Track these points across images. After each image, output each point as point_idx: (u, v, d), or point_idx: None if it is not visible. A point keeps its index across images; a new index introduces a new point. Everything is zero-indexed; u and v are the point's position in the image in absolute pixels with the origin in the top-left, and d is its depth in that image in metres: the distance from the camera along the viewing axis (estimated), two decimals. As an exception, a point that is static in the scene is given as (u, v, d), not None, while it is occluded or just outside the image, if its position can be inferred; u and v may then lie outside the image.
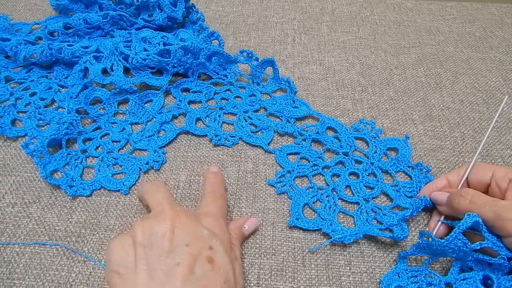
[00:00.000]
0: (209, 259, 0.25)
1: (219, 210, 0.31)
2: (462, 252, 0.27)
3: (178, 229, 0.26)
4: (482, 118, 0.44)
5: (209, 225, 0.28)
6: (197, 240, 0.25)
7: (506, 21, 0.59)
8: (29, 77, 0.47)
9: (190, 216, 0.27)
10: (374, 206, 0.35)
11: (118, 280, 0.24)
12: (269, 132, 0.41)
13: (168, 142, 0.41)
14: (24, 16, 0.58)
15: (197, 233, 0.26)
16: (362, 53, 0.53)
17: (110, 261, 0.25)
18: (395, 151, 0.40)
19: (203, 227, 0.27)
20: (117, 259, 0.25)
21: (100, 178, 0.37)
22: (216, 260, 0.25)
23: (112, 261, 0.25)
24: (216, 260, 0.25)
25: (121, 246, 0.26)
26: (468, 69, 0.51)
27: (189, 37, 0.49)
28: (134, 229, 0.26)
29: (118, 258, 0.25)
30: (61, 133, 0.38)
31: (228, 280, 0.25)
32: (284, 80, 0.45)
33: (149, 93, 0.44)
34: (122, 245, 0.26)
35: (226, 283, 0.24)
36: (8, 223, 0.34)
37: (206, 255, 0.25)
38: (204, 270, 0.24)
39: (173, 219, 0.26)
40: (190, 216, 0.27)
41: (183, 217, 0.27)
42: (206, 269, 0.24)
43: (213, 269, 0.24)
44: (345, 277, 0.31)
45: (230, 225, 0.32)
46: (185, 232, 0.26)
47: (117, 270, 0.25)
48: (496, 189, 0.31)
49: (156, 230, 0.25)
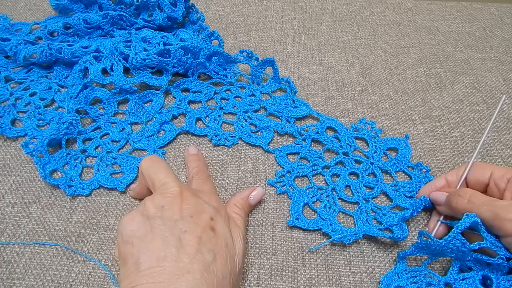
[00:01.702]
0: (211, 228, 0.28)
1: (212, 189, 0.34)
2: (461, 252, 0.28)
3: (184, 204, 0.28)
4: (482, 118, 0.44)
5: (208, 200, 0.31)
6: (200, 212, 0.28)
7: (506, 21, 0.59)
8: (29, 77, 0.47)
9: (193, 193, 0.30)
10: (374, 206, 0.35)
11: (131, 249, 0.26)
12: (269, 132, 0.41)
13: (168, 142, 0.41)
14: (24, 16, 0.58)
15: (199, 206, 0.29)
16: (362, 53, 0.53)
17: (122, 233, 0.27)
18: (395, 151, 0.40)
19: (204, 201, 0.30)
20: (129, 232, 0.27)
21: (99, 177, 0.37)
22: (217, 228, 0.28)
23: (124, 233, 0.27)
24: (217, 228, 0.28)
25: (132, 219, 0.28)
26: (468, 69, 0.51)
27: (189, 37, 0.49)
28: (146, 205, 0.28)
29: (129, 231, 0.27)
30: (61, 133, 0.38)
31: (228, 244, 0.28)
32: (284, 80, 0.45)
33: (149, 93, 0.44)
34: (132, 218, 0.28)
35: (227, 247, 0.28)
36: (8, 223, 0.34)
37: (209, 224, 0.28)
38: (208, 236, 0.27)
39: (179, 195, 0.29)
40: (192, 192, 0.30)
41: (187, 193, 0.29)
42: (210, 236, 0.27)
43: (215, 235, 0.28)
44: (345, 277, 0.31)
45: (236, 196, 0.34)
46: (190, 206, 0.28)
47: (130, 241, 0.27)
48: (494, 189, 0.31)
49: (165, 203, 0.28)
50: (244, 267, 0.32)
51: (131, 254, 0.26)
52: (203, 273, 0.24)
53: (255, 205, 0.35)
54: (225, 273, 0.26)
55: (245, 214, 0.34)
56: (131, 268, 0.25)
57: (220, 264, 0.26)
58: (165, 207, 0.28)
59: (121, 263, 0.27)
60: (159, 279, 0.24)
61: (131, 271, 0.25)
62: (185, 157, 0.39)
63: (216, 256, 0.26)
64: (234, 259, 0.28)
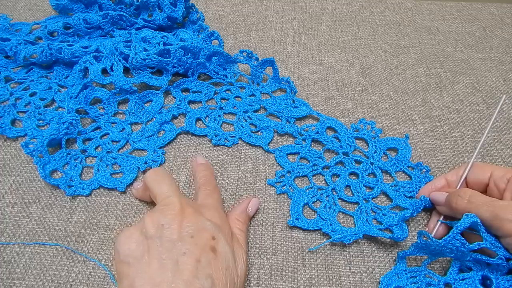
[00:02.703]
0: (212, 249, 0.27)
1: (217, 202, 0.33)
2: (460, 252, 0.28)
3: (185, 222, 0.27)
4: (482, 118, 0.44)
5: (211, 217, 0.29)
6: (201, 231, 0.27)
7: (506, 21, 0.59)
8: (29, 77, 0.47)
9: (195, 209, 0.29)
10: (374, 206, 0.35)
11: (127, 270, 0.25)
12: (269, 132, 0.41)
13: (168, 142, 0.41)
14: (24, 16, 0.58)
15: (200, 225, 0.27)
16: (362, 53, 0.53)
17: (119, 251, 0.26)
18: (395, 151, 0.40)
19: (206, 219, 0.28)
20: (126, 250, 0.26)
21: (99, 177, 0.37)
22: (218, 250, 0.27)
23: (121, 251, 0.26)
24: (218, 249, 0.27)
25: (130, 237, 0.27)
26: (468, 69, 0.51)
27: (189, 37, 0.49)
28: (145, 222, 0.27)
29: (126, 249, 0.26)
30: (61, 133, 0.38)
31: (229, 267, 0.27)
32: (284, 80, 0.45)
33: (149, 93, 0.44)
34: (130, 236, 0.27)
35: (228, 269, 0.26)
36: (8, 223, 0.34)
37: (210, 245, 0.27)
38: (208, 258, 0.26)
39: (180, 212, 0.28)
40: (194, 209, 0.29)
41: (189, 209, 0.28)
42: (210, 258, 0.26)
43: (216, 257, 0.26)
44: (345, 277, 0.31)
45: (235, 210, 0.33)
46: (191, 224, 0.27)
47: (126, 260, 0.26)
48: (494, 189, 0.31)
49: (165, 222, 0.27)
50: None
51: (127, 275, 0.25)
52: None
53: (252, 216, 0.35)
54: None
55: (247, 228, 0.33)
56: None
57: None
58: (165, 226, 0.27)
59: (118, 280, 0.26)
60: None
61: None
62: (192, 167, 0.38)
63: (214, 281, 0.25)
64: (235, 282, 0.27)
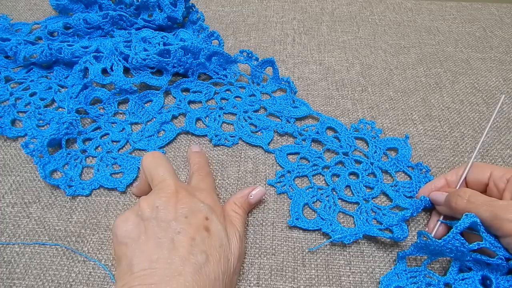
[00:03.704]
0: (206, 228, 0.28)
1: (209, 187, 0.34)
2: (460, 252, 0.28)
3: (179, 204, 0.28)
4: (482, 118, 0.44)
5: (203, 199, 0.31)
6: (195, 212, 0.28)
7: (506, 21, 0.59)
8: (29, 77, 0.47)
9: (189, 192, 0.30)
10: (374, 206, 0.35)
11: (125, 250, 0.27)
12: (269, 132, 0.41)
13: (168, 142, 0.41)
14: (24, 16, 0.58)
15: (194, 206, 0.29)
16: (362, 53, 0.53)
17: (116, 235, 0.28)
18: (395, 151, 0.40)
19: (199, 201, 0.30)
20: (123, 232, 0.27)
21: (99, 177, 0.37)
22: (211, 228, 0.28)
23: (118, 234, 0.28)
24: (211, 228, 0.28)
25: (126, 220, 0.28)
26: (468, 69, 0.51)
27: (189, 37, 0.49)
28: (140, 205, 0.28)
29: (123, 231, 0.27)
30: (61, 133, 0.38)
31: (223, 244, 0.28)
32: (284, 80, 0.45)
33: (149, 93, 0.44)
34: (126, 219, 0.28)
35: (221, 247, 0.28)
36: (8, 223, 0.34)
37: (203, 224, 0.28)
38: (202, 237, 0.27)
39: (174, 194, 0.29)
40: (188, 191, 0.30)
41: (183, 192, 0.30)
42: (204, 236, 0.27)
43: (209, 235, 0.28)
44: (345, 277, 0.31)
45: (236, 194, 0.34)
46: (184, 206, 0.28)
47: (124, 241, 0.27)
48: (494, 189, 0.31)
49: (160, 204, 0.28)
50: (244, 267, 0.32)
51: (125, 255, 0.26)
52: (195, 275, 0.25)
53: (255, 204, 0.35)
54: (217, 274, 0.26)
55: (244, 213, 0.33)
56: (125, 269, 0.26)
57: (212, 265, 0.26)
58: (160, 207, 0.28)
59: (116, 263, 0.27)
60: (151, 281, 0.24)
61: (124, 272, 0.26)
62: (188, 155, 0.39)
63: (209, 257, 0.26)
64: (229, 259, 0.28)
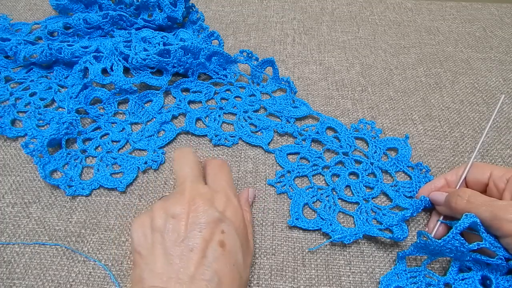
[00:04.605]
0: (220, 243, 0.26)
1: (226, 184, 0.32)
2: (460, 252, 0.28)
3: (193, 214, 0.27)
4: (482, 118, 0.44)
5: (223, 207, 0.29)
6: (210, 224, 0.27)
7: (506, 21, 0.59)
8: (29, 77, 0.47)
9: (206, 198, 0.28)
10: (374, 206, 0.35)
11: (139, 260, 0.26)
12: (269, 132, 0.41)
13: (168, 142, 0.41)
14: (24, 16, 0.58)
15: (210, 217, 0.27)
16: (362, 53, 0.53)
17: (133, 239, 0.27)
18: (395, 151, 0.40)
19: (216, 210, 0.28)
20: (137, 240, 0.27)
21: (99, 177, 0.37)
22: (227, 244, 0.26)
23: (134, 240, 0.27)
24: (227, 243, 0.26)
25: (141, 226, 0.27)
26: (468, 69, 0.51)
27: (189, 37, 0.49)
28: (154, 211, 0.28)
29: (137, 239, 0.27)
30: (61, 133, 0.38)
31: (237, 262, 0.26)
32: (284, 80, 0.45)
33: (149, 93, 0.44)
34: (142, 225, 0.27)
35: (235, 265, 0.26)
36: (8, 223, 0.34)
37: (218, 239, 0.26)
38: (215, 254, 0.26)
39: (189, 203, 0.27)
40: (205, 197, 0.28)
41: (199, 201, 0.28)
42: (218, 253, 0.26)
43: (224, 252, 0.26)
44: (345, 277, 0.31)
45: (241, 200, 0.33)
46: (199, 217, 0.27)
47: (138, 250, 0.27)
48: (494, 189, 0.31)
49: (173, 213, 0.27)
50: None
51: (139, 265, 0.26)
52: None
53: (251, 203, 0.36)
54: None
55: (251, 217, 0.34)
56: (137, 277, 0.26)
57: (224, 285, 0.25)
58: (173, 218, 0.27)
59: (133, 264, 0.27)
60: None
61: (138, 280, 0.26)
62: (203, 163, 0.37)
63: (221, 279, 0.25)
64: (241, 276, 0.27)
